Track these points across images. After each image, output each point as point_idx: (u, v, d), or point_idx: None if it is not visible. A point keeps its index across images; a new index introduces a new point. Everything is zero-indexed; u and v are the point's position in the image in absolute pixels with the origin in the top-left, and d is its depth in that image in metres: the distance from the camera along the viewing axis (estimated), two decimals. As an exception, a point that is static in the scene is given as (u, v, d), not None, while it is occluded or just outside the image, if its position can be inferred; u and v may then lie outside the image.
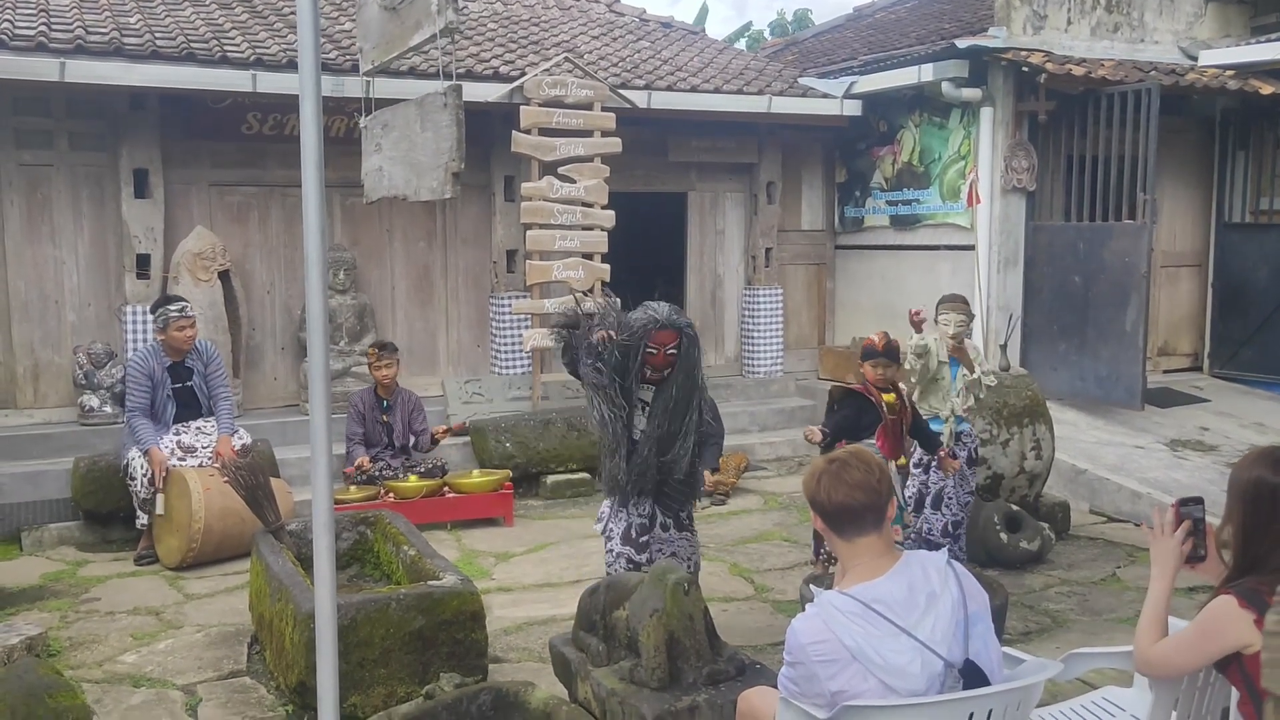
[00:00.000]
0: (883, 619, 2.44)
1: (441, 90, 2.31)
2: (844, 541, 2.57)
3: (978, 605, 2.55)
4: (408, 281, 9.35)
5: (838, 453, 2.66)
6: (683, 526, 4.77)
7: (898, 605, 2.47)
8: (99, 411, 7.72)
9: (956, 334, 5.72)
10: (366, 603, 4.12)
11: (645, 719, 3.41)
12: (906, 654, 2.42)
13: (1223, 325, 10.59)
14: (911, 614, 2.46)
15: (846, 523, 2.55)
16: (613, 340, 4.45)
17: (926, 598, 2.49)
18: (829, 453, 4.92)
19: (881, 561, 2.55)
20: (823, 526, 2.61)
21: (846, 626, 2.44)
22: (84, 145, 8.06)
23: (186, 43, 7.87)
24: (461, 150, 2.22)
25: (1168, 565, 2.69)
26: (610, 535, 4.69)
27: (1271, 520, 2.51)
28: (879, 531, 2.56)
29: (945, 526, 5.65)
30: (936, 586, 2.51)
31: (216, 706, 4.34)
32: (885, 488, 2.56)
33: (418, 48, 2.52)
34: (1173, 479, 7.43)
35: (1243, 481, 2.57)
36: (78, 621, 5.35)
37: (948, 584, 2.53)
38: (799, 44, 14.45)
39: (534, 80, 8.67)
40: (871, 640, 2.42)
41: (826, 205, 11.13)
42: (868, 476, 2.53)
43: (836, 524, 2.57)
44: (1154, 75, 8.97)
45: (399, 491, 6.94)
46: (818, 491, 2.57)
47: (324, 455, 2.76)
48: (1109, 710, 3.24)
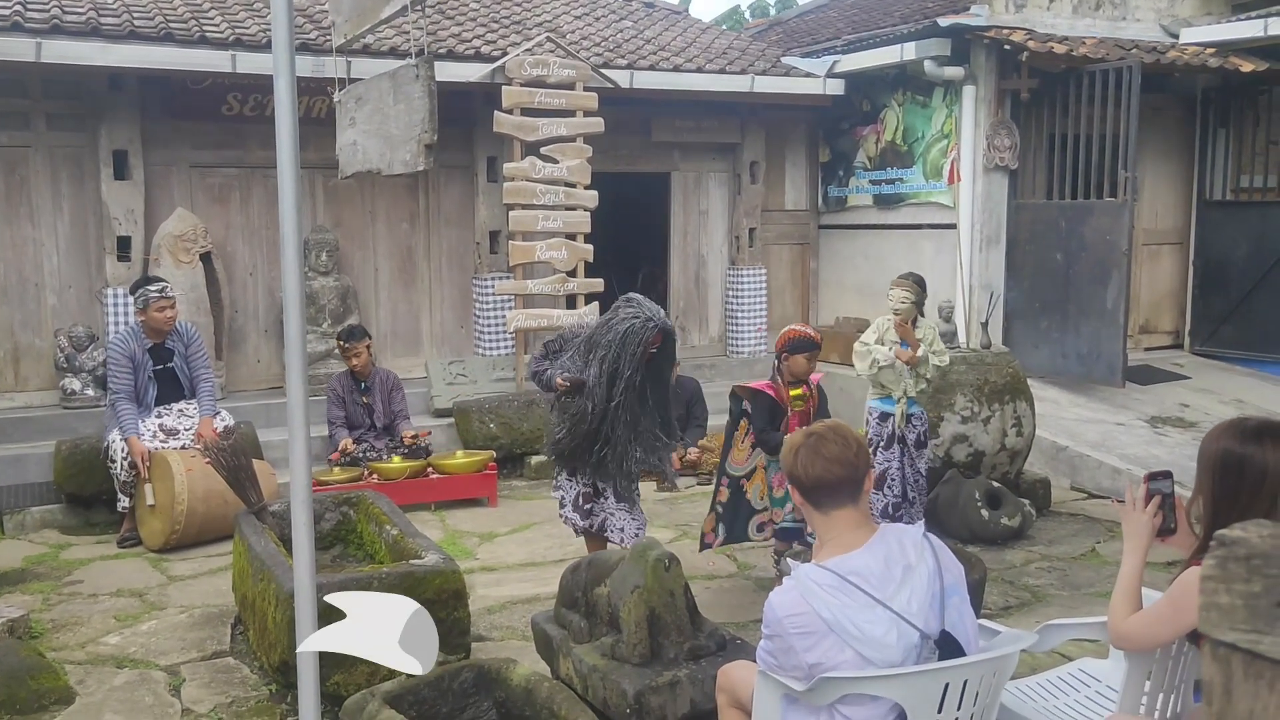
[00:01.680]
0: (859, 591, 2.46)
1: (414, 62, 2.30)
2: (820, 514, 2.59)
3: (953, 577, 2.57)
4: (391, 263, 9.32)
5: (815, 426, 2.67)
6: (622, 498, 5.02)
7: (874, 577, 2.49)
8: (81, 394, 7.69)
9: (899, 311, 5.73)
10: (348, 581, 4.11)
11: (627, 694, 3.43)
12: (882, 625, 2.44)
13: (1203, 302, 10.65)
14: (887, 586, 2.48)
15: (823, 496, 2.57)
16: (573, 384, 4.81)
17: (903, 570, 2.51)
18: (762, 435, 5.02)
19: (858, 534, 2.57)
20: (800, 499, 2.64)
21: (823, 599, 2.45)
22: (62, 126, 8.00)
23: (165, 22, 7.81)
24: (434, 122, 2.21)
25: (1140, 540, 2.71)
26: (563, 501, 5.13)
27: (1239, 491, 2.53)
28: (855, 505, 2.58)
29: (885, 508, 5.67)
30: (913, 558, 2.54)
31: (200, 686, 4.35)
32: (862, 462, 2.58)
33: (389, 20, 2.50)
34: (1153, 455, 7.49)
35: (1210, 453, 2.59)
36: (60, 604, 5.34)
37: (924, 556, 2.55)
38: (782, 24, 14.41)
39: (516, 60, 8.63)
40: (848, 612, 2.44)
41: (810, 185, 11.13)
42: (844, 450, 2.55)
43: (813, 497, 2.59)
44: (1135, 53, 8.98)
45: (382, 473, 6.94)
46: (795, 465, 2.59)
47: (301, 433, 2.76)
48: (1085, 681, 3.28)
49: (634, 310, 4.74)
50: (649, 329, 4.66)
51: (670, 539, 6.32)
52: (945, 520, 6.12)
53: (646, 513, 5.77)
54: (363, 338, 7.35)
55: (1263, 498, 2.52)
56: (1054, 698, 3.21)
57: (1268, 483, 2.51)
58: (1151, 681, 2.78)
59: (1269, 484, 2.52)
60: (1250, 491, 2.52)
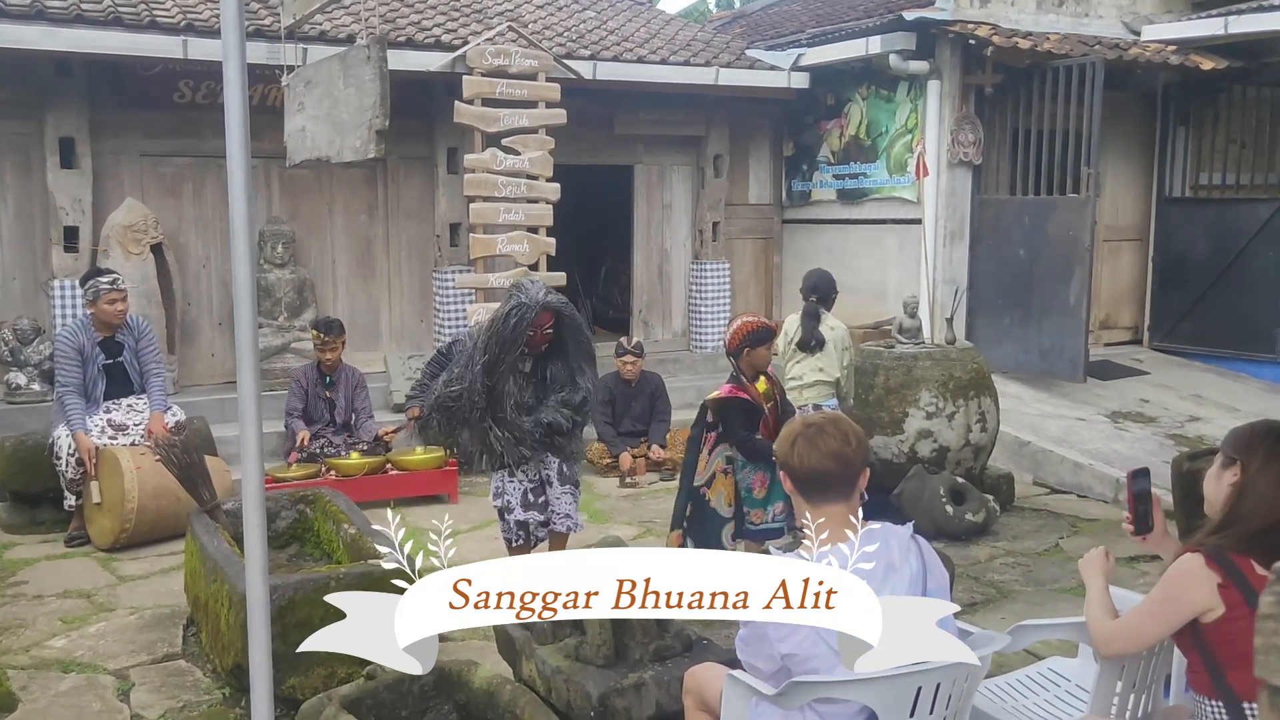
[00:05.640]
0: None
1: (364, 43, 2.20)
2: (810, 506, 2.55)
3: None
4: (349, 255, 9.16)
5: (814, 417, 2.62)
6: (566, 480, 4.94)
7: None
8: (26, 389, 7.48)
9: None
10: (305, 582, 4.01)
11: (591, 697, 3.35)
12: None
13: (1162, 299, 10.73)
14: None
15: (815, 489, 2.54)
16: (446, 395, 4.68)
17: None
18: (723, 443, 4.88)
19: (845, 530, 2.50)
20: (791, 488, 2.60)
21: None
22: (6, 113, 7.78)
23: (113, 6, 7.59)
24: (386, 106, 2.12)
25: (1094, 573, 2.78)
26: (510, 506, 4.88)
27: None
28: (847, 501, 2.54)
29: None
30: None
31: (150, 691, 4.21)
32: (860, 458, 2.55)
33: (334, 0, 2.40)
34: (1114, 450, 7.52)
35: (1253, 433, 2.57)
36: (4, 606, 5.17)
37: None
38: (746, 17, 14.37)
39: (477, 49, 8.50)
40: None
41: (774, 179, 11.09)
42: (844, 446, 2.52)
43: (805, 488, 2.55)
44: (1098, 49, 9.01)
45: (340, 469, 6.81)
46: (791, 455, 2.55)
47: (253, 429, 2.65)
48: (1054, 680, 3.24)
49: (516, 295, 4.67)
50: (526, 312, 4.57)
51: (633, 535, 6.24)
52: (910, 516, 6.09)
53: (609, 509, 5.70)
54: (341, 332, 7.25)
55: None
56: (1023, 697, 3.18)
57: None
58: (1123, 681, 2.74)
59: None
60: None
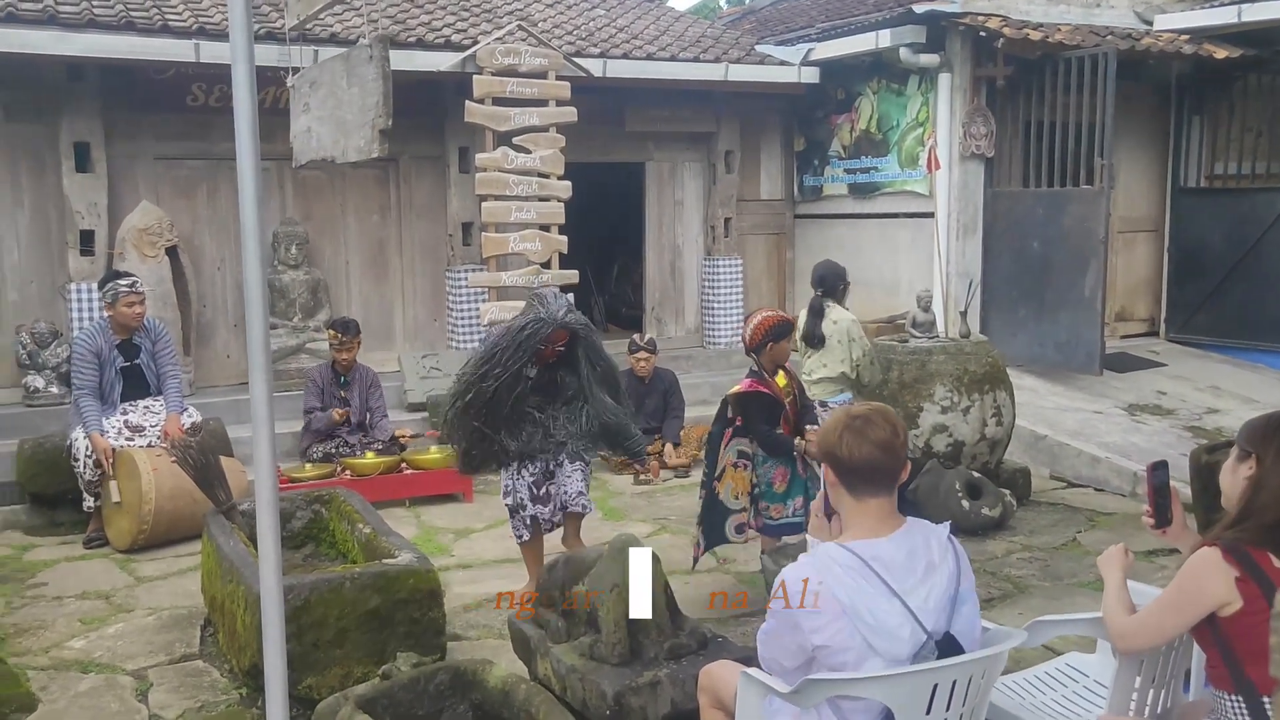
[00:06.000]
0: (878, 578, 2.39)
1: (367, 42, 2.19)
2: (854, 499, 2.51)
3: (968, 584, 2.51)
4: (362, 256, 9.18)
5: (860, 408, 2.57)
6: (575, 457, 4.98)
7: (896, 568, 2.42)
8: (44, 392, 7.52)
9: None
10: (320, 583, 4.02)
11: (606, 695, 3.34)
12: (897, 618, 2.38)
13: (1178, 290, 10.67)
14: (908, 579, 2.42)
15: (862, 481, 2.49)
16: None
17: (925, 566, 2.44)
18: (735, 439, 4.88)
19: (886, 523, 2.50)
20: (834, 480, 2.55)
21: (841, 579, 2.38)
22: (21, 117, 7.81)
23: (125, 10, 7.62)
24: (388, 106, 2.11)
25: (1113, 568, 2.74)
26: (521, 503, 4.93)
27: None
28: (890, 494, 2.51)
29: None
30: (936, 557, 2.47)
31: (168, 691, 4.23)
32: (904, 450, 2.52)
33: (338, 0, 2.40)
34: (1131, 443, 7.47)
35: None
36: (24, 607, 5.20)
37: (946, 557, 2.49)
38: (756, 12, 14.32)
39: (487, 49, 8.50)
40: (865, 598, 2.37)
41: (785, 174, 11.06)
42: (892, 437, 2.48)
43: (851, 481, 2.50)
44: (1110, 40, 8.96)
45: (356, 469, 6.83)
46: (839, 446, 2.48)
47: (266, 430, 2.66)
48: (1073, 676, 3.23)
49: (536, 308, 4.78)
50: (542, 327, 4.68)
51: (648, 533, 6.24)
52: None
53: (624, 506, 5.67)
54: (358, 333, 7.27)
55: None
56: (1041, 693, 3.16)
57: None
58: (1142, 676, 2.73)
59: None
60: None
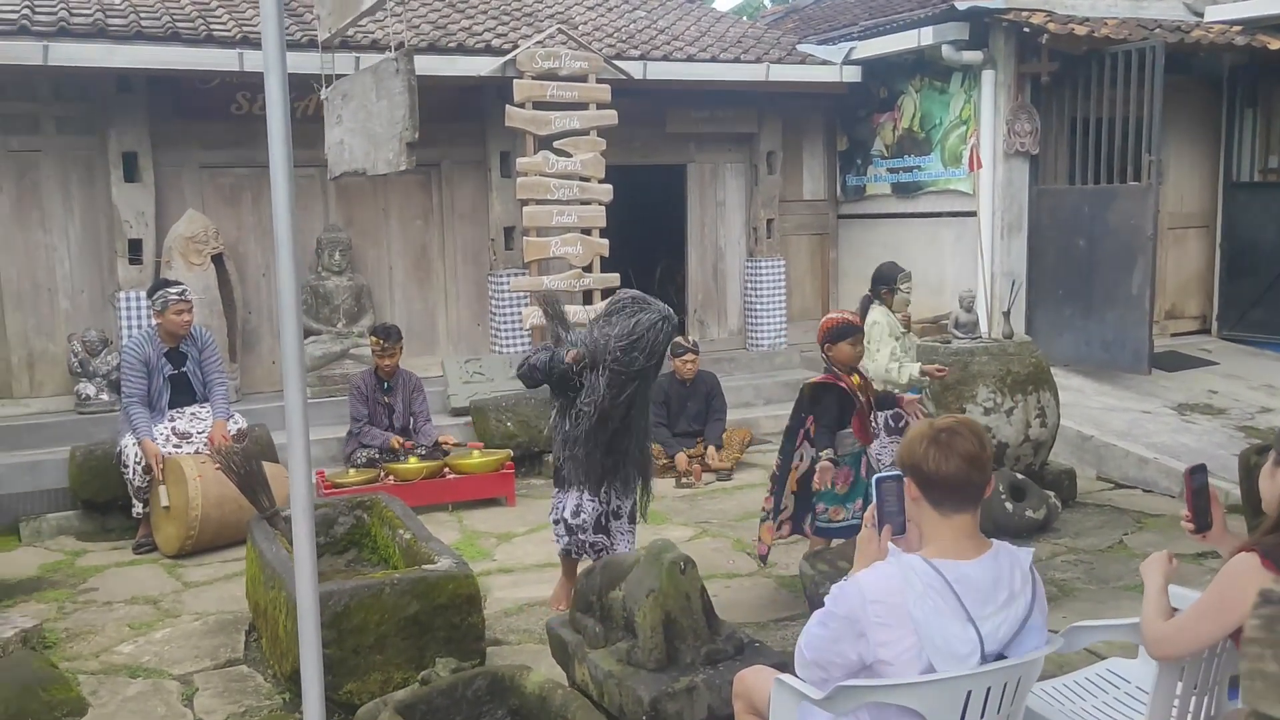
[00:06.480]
0: (958, 601, 2.33)
1: (393, 56, 2.21)
2: (939, 515, 2.43)
3: (1040, 618, 2.45)
4: (405, 261, 9.26)
5: (945, 420, 2.48)
6: (633, 518, 4.86)
7: (978, 594, 2.35)
8: (95, 400, 7.67)
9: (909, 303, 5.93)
10: (360, 588, 4.06)
11: (642, 701, 3.34)
12: (968, 645, 2.32)
13: (1231, 286, 10.45)
14: (986, 607, 2.35)
15: (947, 496, 2.40)
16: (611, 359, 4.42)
17: (1007, 597, 2.38)
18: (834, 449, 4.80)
19: (971, 543, 2.42)
20: (917, 495, 2.45)
21: (921, 596, 2.32)
22: (72, 129, 7.97)
23: (172, 22, 7.76)
24: (415, 119, 2.12)
25: (1155, 573, 2.67)
26: (584, 526, 4.74)
27: None
28: (974, 511, 2.43)
29: None
30: (1017, 587, 2.41)
31: (212, 696, 4.29)
32: (991, 464, 2.43)
33: (369, 12, 2.42)
34: (1181, 443, 7.33)
35: None
36: (75, 612, 5.30)
37: (1025, 588, 2.42)
38: (799, 11, 14.24)
39: (527, 53, 8.54)
40: (940, 618, 2.31)
41: (828, 174, 11.00)
42: (979, 450, 2.39)
43: (936, 496, 2.42)
44: (1158, 33, 8.80)
45: (399, 474, 6.88)
46: (925, 460, 2.39)
47: (301, 441, 2.69)
48: (1113, 682, 3.17)
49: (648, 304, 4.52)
50: (670, 324, 4.50)
51: (689, 537, 6.22)
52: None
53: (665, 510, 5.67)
54: (400, 339, 7.29)
55: None
56: (1081, 700, 3.10)
57: None
58: (1184, 683, 2.67)
59: None
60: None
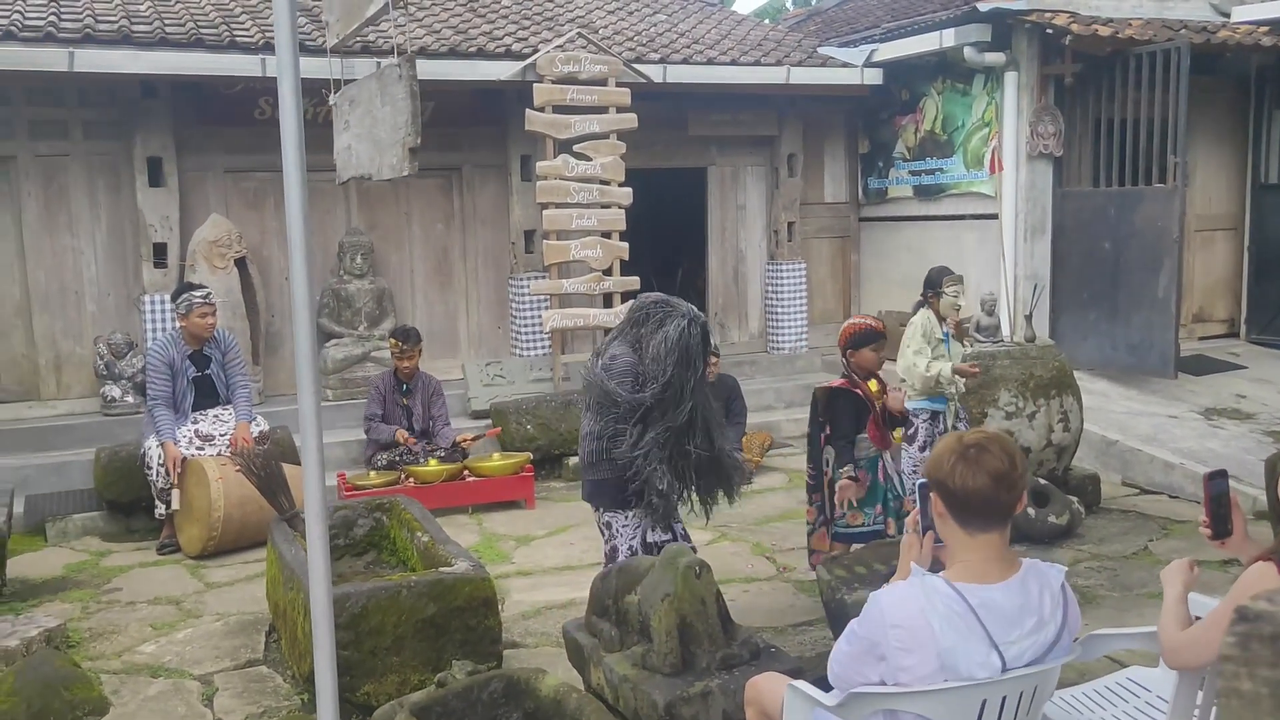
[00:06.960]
0: (981, 628, 2.28)
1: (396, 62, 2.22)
2: (965, 533, 2.36)
3: (1069, 639, 2.40)
4: (426, 264, 9.30)
5: (974, 435, 2.40)
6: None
7: (1003, 620, 2.30)
8: (121, 402, 7.75)
9: (959, 308, 5.76)
10: (377, 590, 4.07)
11: (657, 705, 3.34)
12: (988, 671, 2.28)
13: (1259, 289, 10.34)
14: (1011, 632, 2.30)
15: (974, 514, 2.32)
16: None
17: (1035, 623, 2.33)
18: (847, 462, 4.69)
19: (998, 565, 2.36)
20: (943, 511, 2.38)
21: (946, 623, 2.26)
22: (98, 134, 8.06)
23: (195, 29, 7.83)
24: (417, 125, 2.13)
25: (1175, 581, 2.62)
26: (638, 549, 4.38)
27: None
28: (1003, 530, 2.36)
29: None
30: (1046, 613, 2.35)
31: (232, 696, 4.32)
32: (1022, 482, 2.34)
33: (374, 19, 2.43)
34: (1207, 449, 7.25)
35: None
36: (99, 612, 5.35)
37: (1056, 612, 2.37)
38: (821, 14, 14.23)
39: (547, 57, 8.56)
40: (964, 643, 2.26)
41: (849, 176, 10.96)
42: (1010, 468, 2.29)
43: (962, 514, 2.34)
44: (1184, 34, 8.72)
45: (419, 476, 6.91)
46: (951, 476, 2.31)
47: (314, 444, 2.70)
48: (1134, 691, 3.14)
49: (674, 307, 4.20)
50: (702, 324, 4.19)
51: (708, 540, 6.21)
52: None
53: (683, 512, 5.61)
54: (419, 341, 7.35)
55: None
56: (1101, 708, 3.08)
57: None
58: (1204, 692, 2.64)
59: None
60: None
